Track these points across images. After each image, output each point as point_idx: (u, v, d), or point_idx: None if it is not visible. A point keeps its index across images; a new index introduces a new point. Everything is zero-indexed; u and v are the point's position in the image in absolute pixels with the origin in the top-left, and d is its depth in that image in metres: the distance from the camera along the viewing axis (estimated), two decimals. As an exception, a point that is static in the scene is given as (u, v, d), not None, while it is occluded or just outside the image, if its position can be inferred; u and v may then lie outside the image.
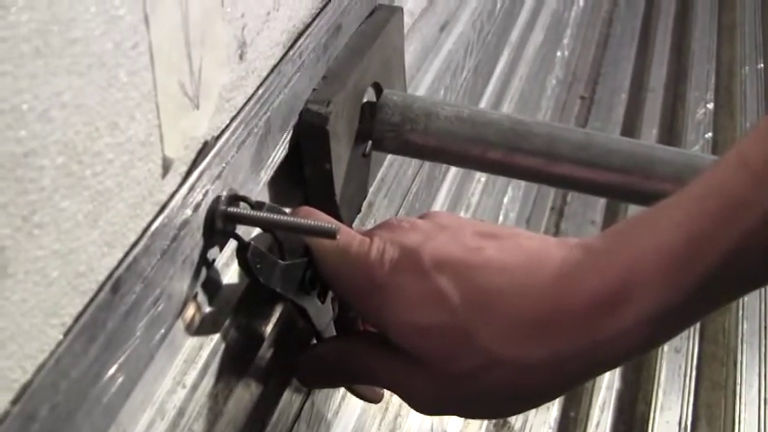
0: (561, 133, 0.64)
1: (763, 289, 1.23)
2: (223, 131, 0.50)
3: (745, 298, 1.23)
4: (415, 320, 0.52)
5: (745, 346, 1.19)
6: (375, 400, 0.66)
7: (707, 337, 1.22)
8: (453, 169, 1.06)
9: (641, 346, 0.49)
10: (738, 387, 1.13)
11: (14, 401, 0.35)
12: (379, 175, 0.76)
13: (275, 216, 0.51)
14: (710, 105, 1.75)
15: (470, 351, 0.50)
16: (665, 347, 1.19)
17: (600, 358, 0.49)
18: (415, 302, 0.52)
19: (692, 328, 1.21)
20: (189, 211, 0.46)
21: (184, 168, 0.46)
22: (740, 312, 1.22)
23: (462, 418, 0.99)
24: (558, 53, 1.70)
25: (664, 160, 0.63)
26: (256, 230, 0.54)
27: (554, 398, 0.53)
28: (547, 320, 0.49)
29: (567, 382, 0.51)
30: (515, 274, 0.51)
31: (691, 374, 1.16)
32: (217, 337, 0.53)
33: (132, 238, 0.42)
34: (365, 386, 0.64)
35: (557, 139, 0.63)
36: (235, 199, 0.50)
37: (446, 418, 0.96)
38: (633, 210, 1.24)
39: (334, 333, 0.61)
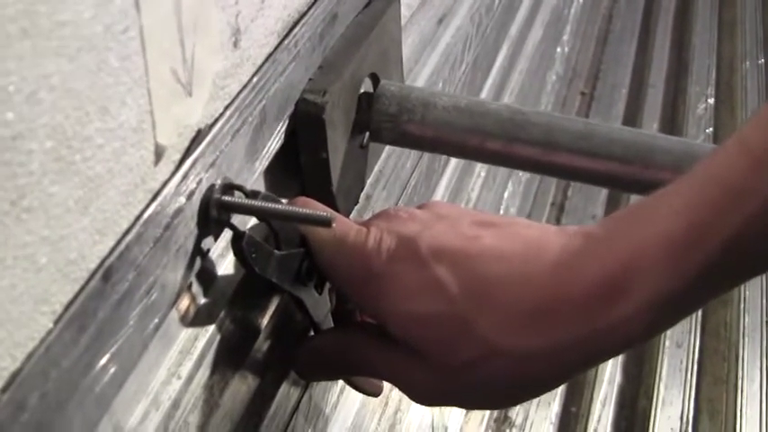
0: (560, 123, 0.63)
1: (764, 283, 1.23)
2: (217, 119, 0.49)
3: (747, 292, 1.23)
4: (413, 310, 0.51)
5: (746, 341, 1.18)
6: (374, 393, 0.66)
7: (708, 331, 1.22)
8: (453, 162, 1.06)
9: (642, 334, 0.48)
10: (740, 382, 1.13)
11: (4, 389, 0.34)
12: (378, 167, 0.75)
13: (270, 205, 0.50)
14: (711, 101, 1.75)
15: (469, 341, 0.50)
16: (667, 342, 1.19)
17: (600, 346, 0.49)
18: (412, 292, 0.51)
19: (693, 323, 1.21)
20: (182, 200, 0.46)
21: (178, 156, 0.46)
22: (741, 306, 1.22)
23: (463, 414, 0.99)
24: (558, 49, 1.69)
25: (664, 149, 0.62)
26: (252, 221, 0.54)
27: (555, 387, 0.53)
28: (546, 309, 0.49)
29: (568, 371, 0.51)
30: (514, 262, 0.50)
31: (692, 369, 1.16)
32: (212, 328, 0.52)
33: (124, 226, 0.42)
34: (364, 379, 0.64)
35: (556, 129, 0.63)
36: (229, 187, 0.49)
37: (447, 412, 0.96)
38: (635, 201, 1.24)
39: (332, 324, 0.60)
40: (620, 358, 1.18)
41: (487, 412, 1.05)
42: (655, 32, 1.98)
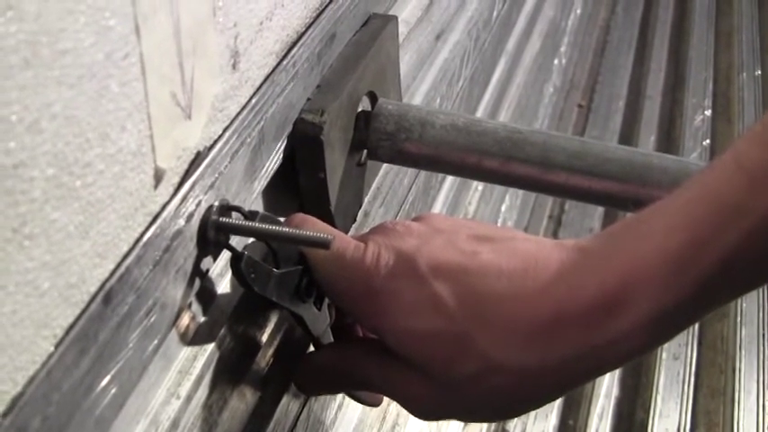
0: (557, 141, 0.64)
1: (761, 296, 1.24)
2: (216, 141, 0.49)
3: (744, 305, 1.23)
4: (413, 326, 0.51)
5: (743, 353, 1.19)
6: (374, 404, 0.66)
7: (705, 343, 1.22)
8: (450, 178, 1.06)
9: (640, 349, 0.49)
10: (737, 394, 1.13)
11: (5, 414, 0.35)
12: (375, 185, 0.76)
13: (268, 226, 0.50)
14: (708, 112, 1.76)
15: (469, 357, 0.50)
16: (664, 355, 1.19)
17: (599, 361, 0.49)
18: (412, 308, 0.51)
19: (690, 336, 1.21)
20: (182, 222, 0.46)
21: (177, 179, 0.46)
22: (738, 319, 1.22)
23: (461, 428, 0.99)
24: (556, 61, 1.70)
25: (659, 168, 0.62)
26: (251, 238, 0.54)
27: (554, 399, 0.53)
28: (545, 325, 0.49)
29: (567, 385, 0.51)
30: (512, 278, 0.50)
31: (689, 381, 1.16)
32: (211, 347, 0.53)
33: (124, 249, 0.42)
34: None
35: (552, 148, 0.63)
36: (227, 209, 0.50)
37: (444, 427, 0.96)
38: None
39: (332, 339, 0.60)
40: (617, 371, 1.18)
41: (485, 426, 1.06)
42: (652, 44, 1.98)
